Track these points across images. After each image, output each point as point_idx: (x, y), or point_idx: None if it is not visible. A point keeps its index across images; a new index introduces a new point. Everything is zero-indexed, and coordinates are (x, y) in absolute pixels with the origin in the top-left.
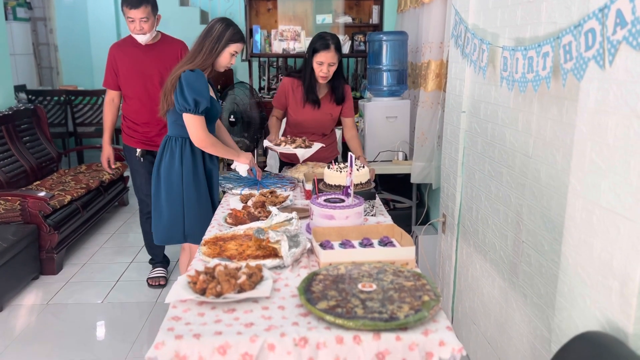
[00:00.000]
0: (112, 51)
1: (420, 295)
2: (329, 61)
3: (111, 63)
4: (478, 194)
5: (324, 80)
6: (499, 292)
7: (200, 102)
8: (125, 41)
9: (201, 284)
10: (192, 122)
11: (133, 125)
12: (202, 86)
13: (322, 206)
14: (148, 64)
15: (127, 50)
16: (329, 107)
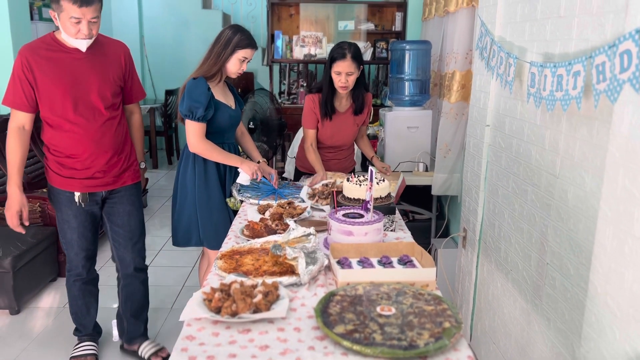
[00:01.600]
0: (26, 57)
1: (441, 322)
2: (346, 70)
3: (23, 74)
4: (501, 210)
5: (343, 90)
6: (521, 313)
7: (195, 109)
8: (44, 44)
9: (216, 302)
10: (187, 128)
11: (67, 160)
12: (200, 94)
13: (340, 221)
14: (86, 76)
15: (52, 57)
16: (350, 119)
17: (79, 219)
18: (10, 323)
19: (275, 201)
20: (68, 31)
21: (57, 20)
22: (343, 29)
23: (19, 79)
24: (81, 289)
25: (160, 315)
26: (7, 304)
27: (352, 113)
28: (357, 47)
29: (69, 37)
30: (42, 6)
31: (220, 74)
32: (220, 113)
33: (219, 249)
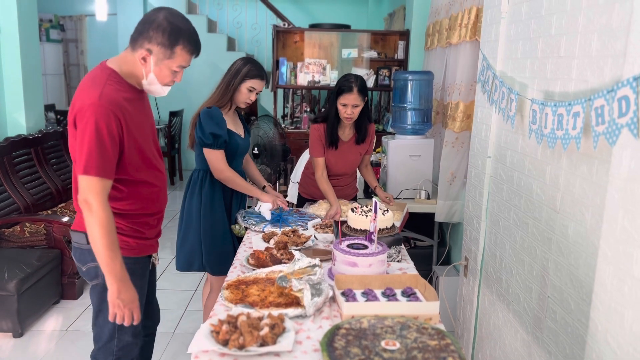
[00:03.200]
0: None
1: (445, 357)
2: (353, 103)
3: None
4: (502, 241)
5: (348, 121)
6: (522, 344)
7: (218, 137)
8: (121, 87)
9: (224, 335)
10: (211, 156)
11: (149, 219)
12: (220, 122)
13: (345, 252)
14: (150, 121)
15: (132, 103)
16: (353, 148)
17: (145, 289)
18: (13, 346)
19: (279, 229)
20: (163, 78)
21: (146, 63)
22: (347, 56)
23: (110, 141)
24: None
25: (163, 339)
26: (10, 327)
27: (355, 142)
28: (363, 80)
29: (153, 83)
30: (50, 28)
31: (230, 103)
32: (232, 142)
33: (222, 275)
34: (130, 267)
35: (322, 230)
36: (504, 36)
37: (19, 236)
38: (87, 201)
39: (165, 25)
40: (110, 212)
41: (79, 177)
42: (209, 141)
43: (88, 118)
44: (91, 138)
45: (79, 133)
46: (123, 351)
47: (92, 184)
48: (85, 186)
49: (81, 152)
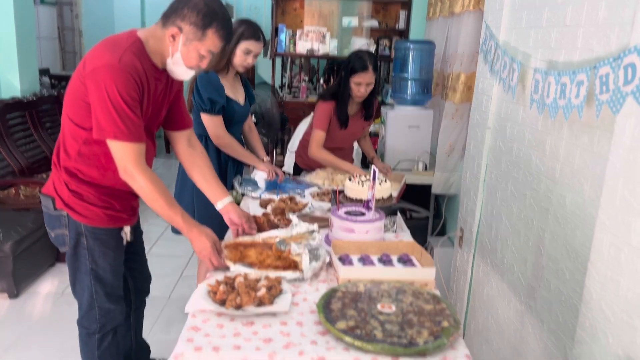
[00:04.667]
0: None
1: (440, 321)
2: (367, 81)
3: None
4: (499, 212)
5: (360, 99)
6: (515, 314)
7: (215, 102)
8: (144, 60)
9: (221, 295)
10: (209, 122)
11: (119, 192)
12: (217, 87)
13: (342, 219)
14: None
15: (152, 82)
16: (359, 123)
17: (121, 259)
18: (9, 307)
19: (276, 196)
20: (189, 60)
21: (175, 42)
22: (347, 25)
23: (132, 105)
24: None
25: (158, 304)
26: (6, 287)
27: (362, 117)
28: (375, 57)
29: (177, 63)
30: None
31: (227, 67)
32: (229, 108)
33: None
34: (100, 237)
35: (319, 199)
36: (509, 5)
37: (14, 199)
38: (127, 171)
39: (201, 6)
40: (153, 174)
41: (110, 143)
42: (207, 106)
43: (107, 82)
44: (117, 102)
45: (95, 96)
46: (106, 318)
47: (125, 150)
48: (120, 154)
49: (107, 118)
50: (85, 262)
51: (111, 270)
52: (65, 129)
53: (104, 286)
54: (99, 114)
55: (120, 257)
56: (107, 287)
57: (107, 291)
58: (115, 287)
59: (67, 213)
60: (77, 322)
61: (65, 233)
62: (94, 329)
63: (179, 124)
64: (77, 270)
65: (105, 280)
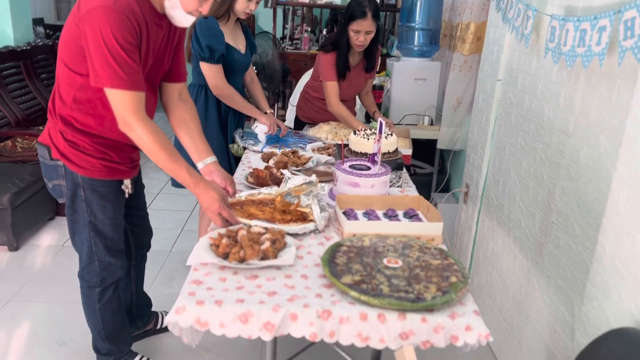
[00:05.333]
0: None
1: (448, 276)
2: (366, 29)
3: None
4: (507, 167)
5: (360, 49)
6: (520, 269)
7: (215, 49)
8: (143, 2)
9: (224, 248)
10: (208, 71)
11: (117, 143)
12: (216, 33)
13: (347, 173)
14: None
15: (153, 27)
16: (360, 75)
17: (121, 212)
18: (9, 259)
19: (279, 150)
20: (187, 4)
21: None
22: None
23: (130, 49)
24: (120, 297)
25: (159, 258)
26: (5, 240)
27: (363, 69)
28: (376, 4)
29: (175, 7)
30: None
31: (228, 14)
32: (229, 57)
33: None
34: (98, 189)
35: (321, 153)
36: None
37: (10, 151)
38: (126, 121)
39: None
40: (154, 125)
41: (107, 91)
42: (205, 54)
43: (102, 24)
44: (112, 46)
45: (90, 40)
46: (107, 271)
47: (123, 99)
48: (117, 103)
49: (102, 64)
50: (84, 215)
51: (110, 224)
52: (60, 75)
53: (103, 239)
54: (94, 60)
55: (120, 211)
56: (107, 240)
57: (107, 244)
58: (116, 240)
59: (63, 163)
60: (78, 275)
61: (63, 184)
62: (94, 282)
63: (174, 75)
64: (75, 223)
65: (104, 234)
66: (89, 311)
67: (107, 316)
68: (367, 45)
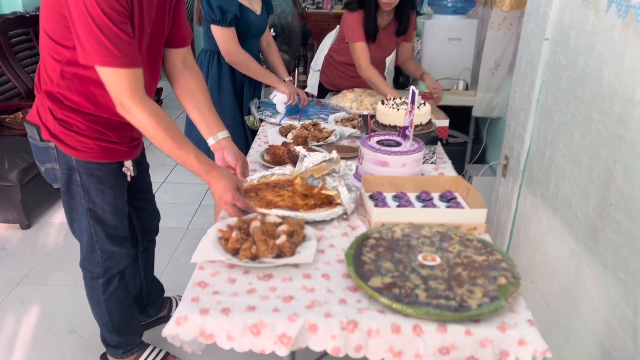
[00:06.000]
0: None
1: (496, 277)
2: None
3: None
4: (555, 139)
5: (388, 7)
6: (570, 255)
7: (227, 10)
8: None
9: (233, 243)
10: (219, 35)
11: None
12: None
13: (374, 150)
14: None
15: None
16: (391, 39)
17: (123, 197)
18: (21, 237)
19: (298, 122)
20: None
21: None
22: None
23: (120, 20)
24: (127, 286)
25: (177, 235)
26: (16, 218)
27: (394, 33)
28: None
29: None
30: None
31: None
32: (243, 18)
33: None
34: (96, 173)
35: (344, 124)
36: None
37: (20, 124)
38: (123, 104)
39: None
40: (156, 106)
41: (99, 70)
42: (217, 17)
43: None
44: (98, 17)
45: (73, 9)
46: (110, 261)
47: (117, 78)
48: (111, 83)
49: (89, 38)
50: (81, 201)
51: (112, 210)
52: (43, 48)
53: (104, 227)
54: (79, 34)
55: (122, 196)
56: (109, 228)
57: (109, 233)
58: (118, 228)
59: (55, 145)
60: (80, 265)
61: (56, 167)
62: (97, 272)
63: (176, 40)
64: (73, 210)
65: (105, 221)
66: (94, 303)
67: (113, 308)
68: (396, 3)
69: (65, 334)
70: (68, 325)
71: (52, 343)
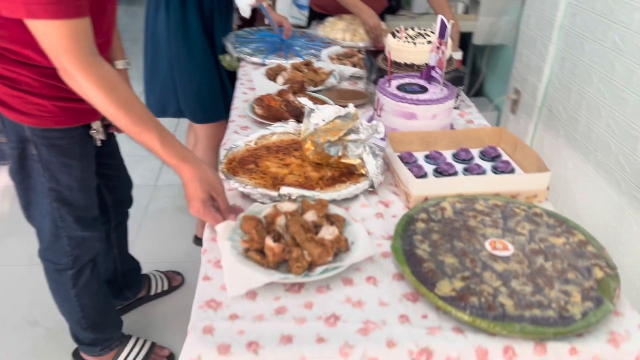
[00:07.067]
0: None
1: (589, 268)
2: None
3: None
4: (586, 71)
5: None
6: (608, 205)
7: None
8: None
9: (279, 255)
10: None
11: None
12: None
13: (398, 99)
14: None
15: None
16: None
17: (92, 169)
18: None
19: (286, 60)
20: None
21: None
22: None
23: None
24: (99, 274)
25: (143, 194)
26: None
27: None
28: None
29: None
30: None
31: None
32: None
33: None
34: (58, 143)
35: (341, 61)
36: None
37: None
38: (64, 67)
39: None
40: (107, 71)
41: (28, 24)
42: None
43: None
44: None
45: None
46: (80, 249)
47: (53, 33)
48: (46, 41)
49: None
50: (41, 180)
51: (80, 188)
52: None
53: (72, 210)
54: None
55: (91, 167)
56: (77, 210)
57: (78, 215)
58: (88, 208)
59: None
60: (40, 256)
61: (2, 140)
62: (64, 263)
63: None
64: (29, 191)
65: (73, 202)
66: (62, 299)
67: (86, 302)
68: None
69: (25, 327)
70: (28, 316)
71: (10, 339)
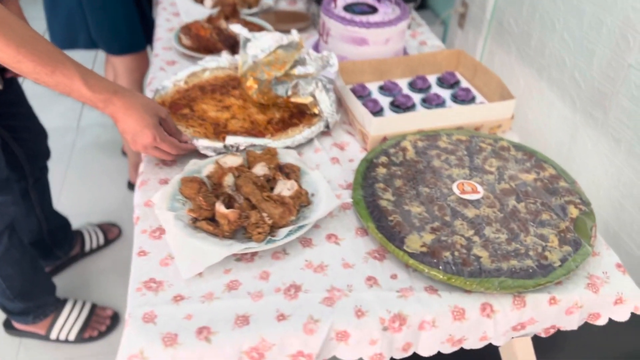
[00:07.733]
0: None
1: (563, 206)
2: None
3: None
4: None
5: None
6: (564, 123)
7: None
8: None
9: (235, 223)
10: None
11: None
12: None
13: (346, 22)
14: None
15: None
16: None
17: None
18: None
19: None
20: None
21: None
22: None
23: None
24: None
25: (64, 138)
26: None
27: None
28: None
29: None
30: None
31: None
32: None
33: (127, 53)
34: None
35: None
36: None
37: None
38: None
39: None
40: None
41: None
42: None
43: None
44: None
45: None
46: None
47: None
48: None
49: None
50: None
51: None
52: None
53: None
54: None
55: None
56: None
57: None
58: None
59: None
60: None
61: None
62: None
63: None
64: None
65: None
66: None
67: (9, 271)
68: None
69: None
70: None
71: None
